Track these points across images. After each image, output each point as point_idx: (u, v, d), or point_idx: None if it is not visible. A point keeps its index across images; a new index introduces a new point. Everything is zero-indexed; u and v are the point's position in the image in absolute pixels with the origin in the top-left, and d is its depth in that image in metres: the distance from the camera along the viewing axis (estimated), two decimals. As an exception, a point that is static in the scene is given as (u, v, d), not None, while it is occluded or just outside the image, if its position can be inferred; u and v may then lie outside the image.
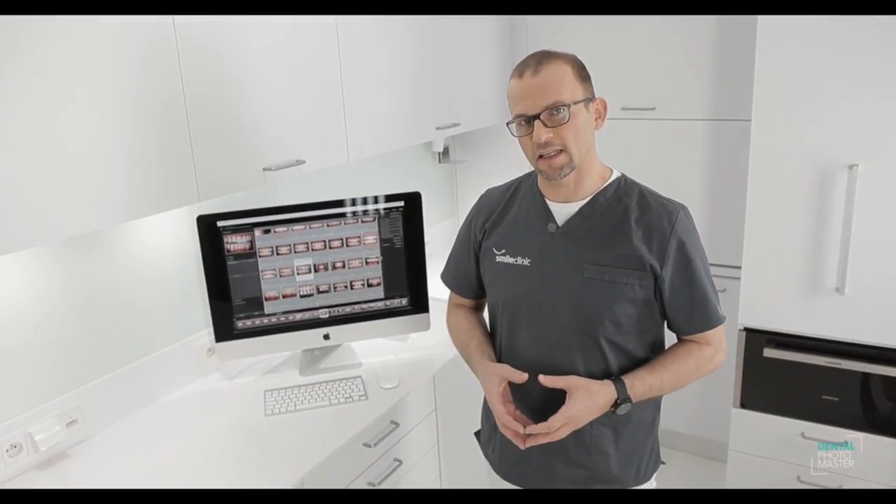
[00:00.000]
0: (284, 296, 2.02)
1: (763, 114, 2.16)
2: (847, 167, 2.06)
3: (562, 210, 1.41)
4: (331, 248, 2.03)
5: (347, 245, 2.05)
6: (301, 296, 2.04)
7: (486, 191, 1.59)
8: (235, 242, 1.94)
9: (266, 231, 1.96)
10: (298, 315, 2.05)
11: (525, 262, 1.43)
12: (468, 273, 1.59)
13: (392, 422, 1.88)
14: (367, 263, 2.08)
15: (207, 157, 1.59)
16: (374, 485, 1.84)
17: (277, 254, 1.98)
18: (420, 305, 2.15)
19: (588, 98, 1.33)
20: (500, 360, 1.49)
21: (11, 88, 1.21)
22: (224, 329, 1.98)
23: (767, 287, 2.28)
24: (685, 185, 2.64)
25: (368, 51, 2.04)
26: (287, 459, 1.64)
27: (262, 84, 1.72)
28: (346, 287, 2.08)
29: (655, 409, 1.50)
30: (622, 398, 1.34)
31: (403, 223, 2.08)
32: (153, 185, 1.48)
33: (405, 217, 2.08)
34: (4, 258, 1.53)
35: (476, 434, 1.68)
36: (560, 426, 1.31)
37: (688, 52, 2.55)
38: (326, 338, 2.08)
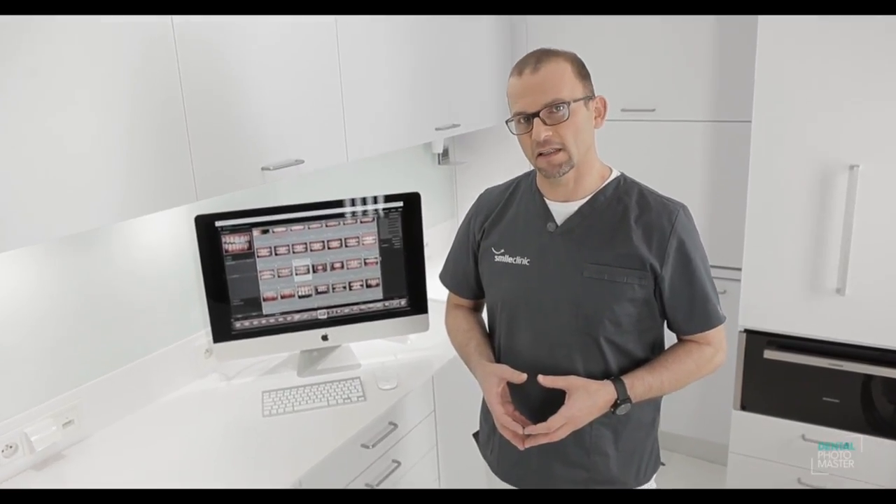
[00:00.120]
0: (283, 296, 2.01)
1: (763, 114, 2.15)
2: (848, 167, 2.05)
3: (561, 209, 1.40)
4: (329, 249, 2.03)
5: (346, 245, 2.04)
6: (299, 296, 2.03)
7: (485, 190, 1.59)
8: (233, 242, 1.93)
9: (264, 231, 1.95)
10: (297, 316, 2.04)
11: (524, 262, 1.42)
12: (467, 273, 1.58)
13: (391, 423, 1.87)
14: (366, 264, 2.07)
15: (205, 156, 1.58)
16: (373, 486, 1.83)
17: (276, 254, 1.97)
18: (419, 306, 2.14)
19: (588, 96, 1.32)
20: (499, 361, 1.48)
21: (8, 85, 1.20)
22: (222, 329, 1.97)
23: (768, 288, 2.28)
24: (685, 187, 2.63)
25: (368, 50, 2.04)
26: (284, 460, 1.63)
27: (262, 83, 1.71)
28: (345, 288, 2.07)
29: (655, 410, 1.49)
30: (622, 398, 1.33)
31: (402, 224, 2.08)
32: (151, 184, 1.47)
33: (404, 217, 2.07)
34: (1, 256, 1.52)
35: (474, 435, 1.67)
36: (559, 426, 1.30)
37: (688, 53, 2.55)
38: (325, 339, 2.07)
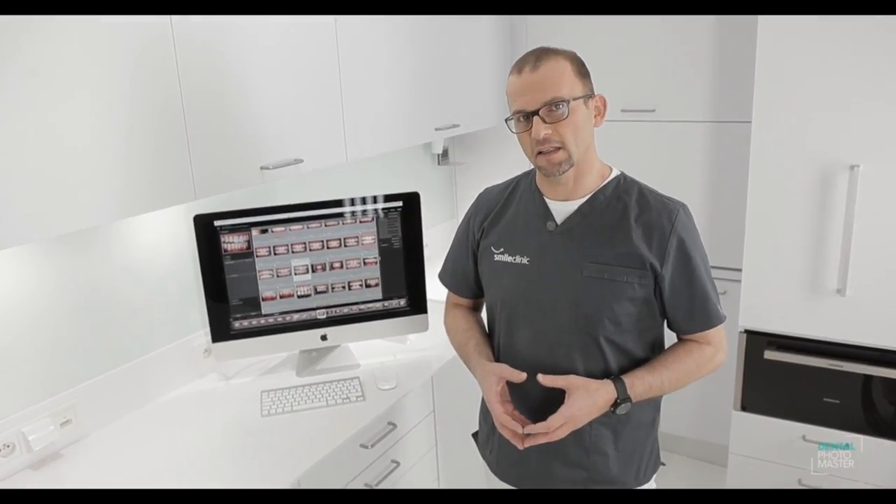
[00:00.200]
0: (282, 296, 2.01)
1: (763, 114, 2.15)
2: (848, 168, 2.05)
3: (561, 208, 1.40)
4: (328, 249, 2.02)
5: (345, 245, 2.03)
6: (298, 296, 2.02)
7: (485, 189, 1.58)
8: (232, 242, 1.92)
9: (263, 231, 1.94)
10: (296, 315, 2.04)
11: (524, 261, 1.41)
12: (466, 272, 1.58)
13: (390, 423, 1.87)
14: (366, 264, 2.07)
15: (204, 155, 1.57)
16: (372, 486, 1.83)
17: (275, 254, 1.97)
18: (418, 306, 2.14)
19: (587, 95, 1.32)
20: (499, 360, 1.47)
21: (7, 84, 1.20)
22: (221, 329, 1.96)
23: (768, 289, 2.27)
24: (685, 188, 2.62)
25: (367, 50, 2.03)
26: (283, 460, 1.62)
27: (261, 82, 1.71)
28: (344, 287, 2.06)
29: (655, 410, 1.49)
30: (622, 398, 1.32)
31: (402, 223, 2.07)
32: (149, 182, 1.47)
33: (403, 217, 2.07)
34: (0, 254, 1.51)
35: (474, 435, 1.66)
36: (559, 426, 1.29)
37: (688, 54, 2.55)
38: (324, 338, 2.07)
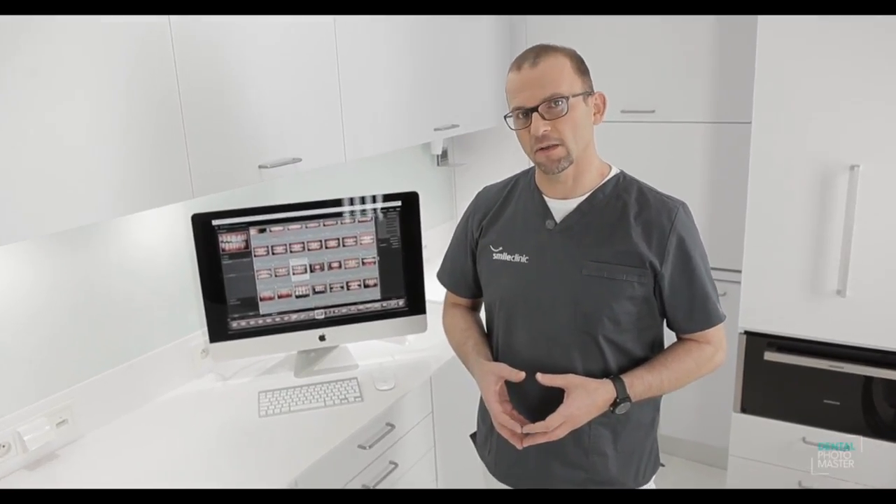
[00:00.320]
0: (280, 296, 2.00)
1: (763, 114, 2.15)
2: (848, 168, 2.04)
3: (560, 206, 1.39)
4: (327, 248, 2.01)
5: (344, 245, 2.03)
6: (297, 296, 2.01)
7: (484, 188, 1.57)
8: (230, 241, 1.91)
9: (261, 230, 1.94)
10: (294, 316, 2.03)
11: (522, 260, 1.41)
12: (465, 272, 1.57)
13: (388, 424, 1.86)
14: (364, 264, 2.06)
15: (202, 153, 1.57)
16: (369, 487, 1.81)
17: (273, 253, 1.96)
18: (417, 307, 2.13)
19: (587, 92, 1.31)
20: (497, 360, 1.46)
21: (5, 81, 1.19)
22: (218, 329, 1.95)
23: (768, 290, 2.26)
24: (685, 189, 2.60)
25: (366, 50, 2.03)
26: (280, 461, 1.61)
27: (260, 81, 1.70)
28: (343, 288, 2.05)
29: (655, 410, 1.48)
30: (621, 397, 1.31)
31: (400, 223, 2.06)
32: (146, 180, 1.46)
33: (402, 217, 2.06)
34: (-4, 252, 1.51)
35: (472, 436, 1.65)
36: (558, 425, 1.28)
37: (688, 55, 2.54)
38: (322, 339, 2.06)
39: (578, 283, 1.35)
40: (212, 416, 1.83)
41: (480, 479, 1.63)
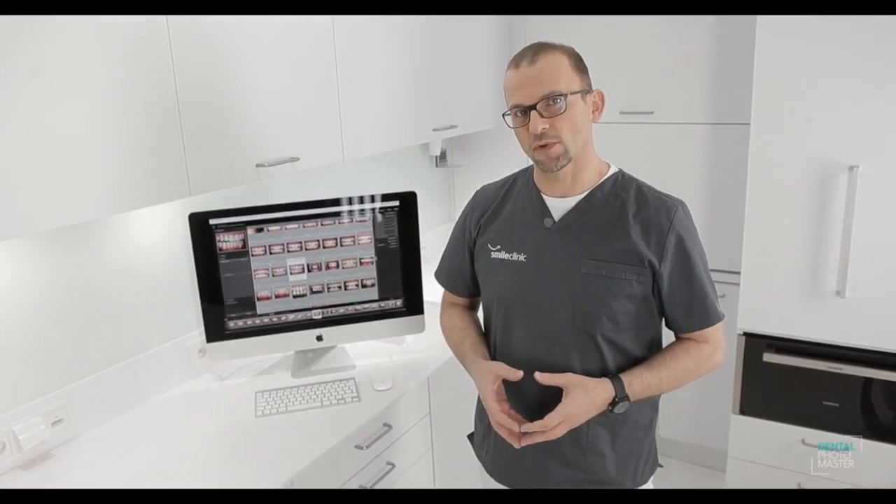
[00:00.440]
0: (277, 296, 1.99)
1: (762, 114, 2.14)
2: (847, 168, 2.04)
3: (558, 205, 1.38)
4: (325, 248, 2.00)
5: (341, 245, 2.02)
6: (294, 296, 2.01)
7: (482, 187, 1.57)
8: (228, 241, 1.91)
9: (259, 230, 1.93)
10: (291, 316, 2.02)
11: (521, 258, 1.40)
12: (462, 271, 1.56)
13: (385, 424, 1.85)
14: (362, 264, 2.05)
15: (199, 152, 1.56)
16: (366, 488, 1.80)
17: (270, 253, 1.95)
18: (415, 307, 2.12)
19: (585, 90, 1.31)
20: (495, 359, 1.45)
21: (2, 79, 1.20)
22: (215, 329, 1.94)
23: (767, 291, 2.26)
24: (684, 190, 2.55)
25: (365, 49, 2.02)
26: (276, 461, 1.60)
27: (257, 79, 1.70)
28: (340, 288, 2.05)
29: (653, 410, 1.47)
30: (620, 396, 1.31)
31: (398, 223, 2.06)
32: (143, 178, 1.46)
33: (400, 217, 2.05)
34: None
35: (469, 437, 1.64)
36: (556, 424, 1.27)
37: (687, 56, 2.54)
38: (319, 339, 2.05)
39: (577, 282, 1.34)
40: (208, 417, 1.82)
41: (478, 480, 1.62)
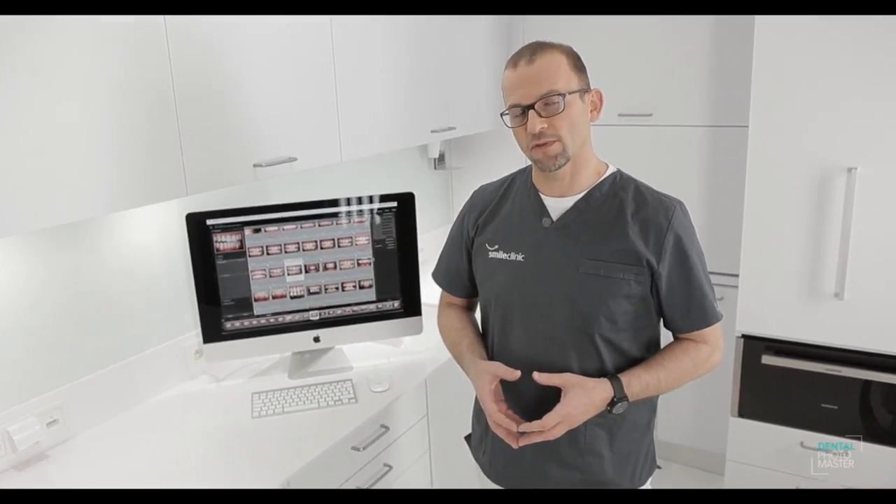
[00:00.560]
0: (274, 297, 1.98)
1: (761, 115, 2.14)
2: (846, 170, 2.04)
3: (556, 204, 1.38)
4: (322, 249, 2.00)
5: (339, 246, 2.01)
6: (291, 297, 2.00)
7: (480, 187, 1.56)
8: (225, 241, 1.90)
9: (256, 230, 1.92)
10: (288, 317, 2.01)
11: (518, 258, 1.40)
12: (460, 271, 1.56)
13: (382, 425, 1.84)
14: (359, 265, 2.05)
15: (196, 151, 1.56)
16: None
17: (268, 253, 1.95)
18: (412, 309, 2.11)
19: (583, 89, 1.31)
20: (493, 359, 1.45)
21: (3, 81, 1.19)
22: (212, 330, 1.94)
23: (766, 293, 2.25)
24: (683, 192, 2.51)
25: (363, 50, 2.02)
26: (272, 462, 1.59)
27: (255, 79, 1.69)
28: (338, 289, 2.04)
29: (651, 411, 1.46)
30: (619, 396, 1.30)
31: (396, 224, 2.05)
32: (140, 177, 1.45)
33: (398, 218, 2.05)
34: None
35: (466, 438, 1.63)
36: (555, 424, 1.27)
37: (685, 58, 2.54)
38: (317, 340, 2.04)
39: (575, 282, 1.33)
40: (204, 418, 1.81)
41: (475, 482, 1.61)
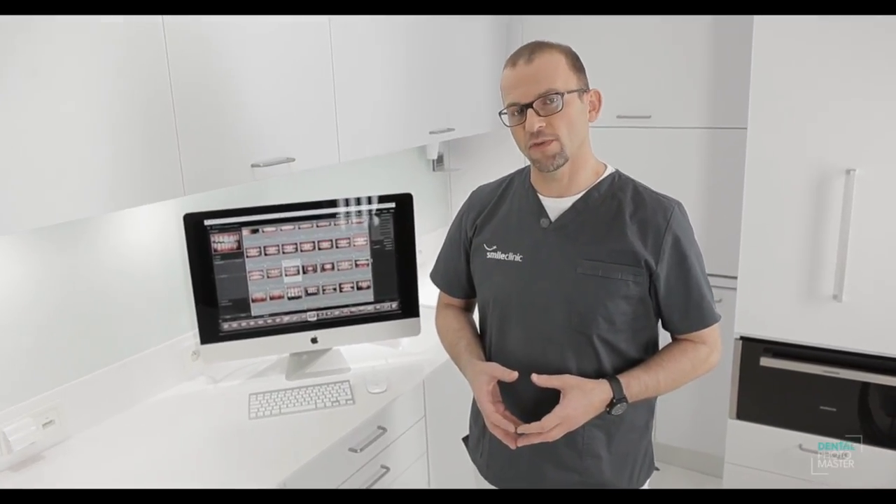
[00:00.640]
0: (272, 297, 1.98)
1: (759, 116, 2.14)
2: (844, 172, 2.04)
3: (555, 205, 1.38)
4: (320, 250, 1.99)
5: (337, 246, 2.01)
6: (289, 298, 1.99)
7: (478, 187, 1.56)
8: (222, 242, 1.90)
9: (254, 231, 1.92)
10: (286, 318, 2.00)
11: (517, 258, 1.39)
12: (458, 271, 1.55)
13: (379, 427, 1.83)
14: (357, 266, 2.04)
15: (194, 151, 1.55)
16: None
17: (265, 254, 1.94)
18: (410, 310, 2.11)
19: (582, 89, 1.30)
20: (490, 360, 1.44)
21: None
22: (209, 331, 1.93)
23: (764, 295, 2.25)
24: (681, 194, 2.51)
25: (362, 50, 2.02)
26: (269, 463, 1.58)
27: (253, 78, 1.69)
28: (335, 289, 2.03)
29: (649, 413, 1.46)
30: (618, 397, 1.30)
31: (394, 225, 2.05)
32: (137, 176, 1.44)
33: (396, 219, 2.04)
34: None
35: (464, 439, 1.63)
36: (554, 426, 1.26)
37: (684, 60, 2.54)
38: (314, 341, 2.03)
39: (573, 282, 1.33)
40: (201, 419, 1.80)
41: (473, 483, 1.61)
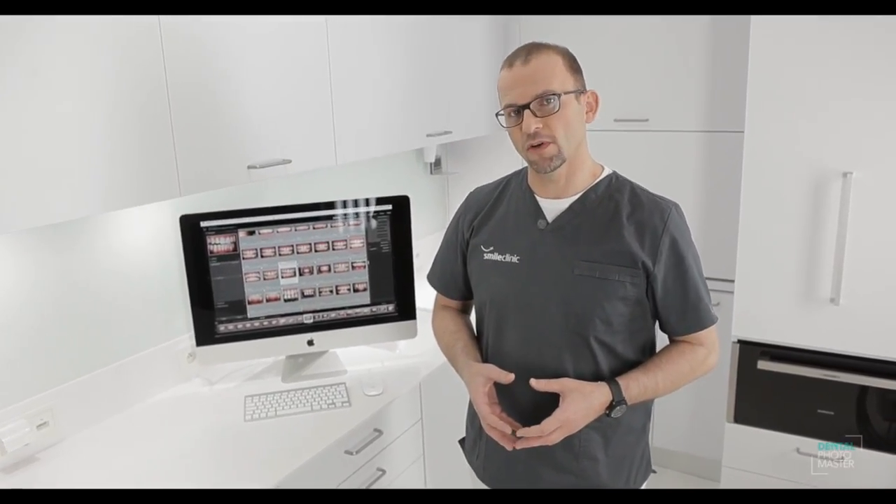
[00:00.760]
0: (268, 299, 1.97)
1: (756, 119, 2.14)
2: (841, 175, 2.03)
3: (552, 206, 1.37)
4: (316, 252, 1.99)
5: (333, 248, 2.00)
6: (285, 300, 1.99)
7: (475, 189, 1.56)
8: (219, 243, 1.89)
9: (250, 232, 1.91)
10: (282, 320, 2.00)
11: (513, 260, 1.39)
12: (455, 273, 1.55)
13: (375, 429, 1.83)
14: (354, 268, 2.03)
15: (190, 152, 1.55)
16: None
17: (261, 256, 1.94)
18: (407, 312, 2.10)
19: (579, 90, 1.30)
20: (487, 362, 1.43)
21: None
22: (205, 333, 1.92)
23: (761, 298, 2.25)
24: (679, 197, 2.53)
25: (359, 51, 2.02)
26: (264, 465, 1.58)
27: (250, 79, 1.68)
28: (332, 292, 2.03)
29: (646, 415, 1.45)
30: (617, 400, 1.29)
31: (391, 227, 2.04)
32: (133, 177, 1.44)
33: (393, 221, 2.04)
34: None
35: (460, 442, 1.62)
36: (554, 430, 1.25)
37: (681, 63, 2.54)
38: (310, 343, 2.03)
39: (570, 283, 1.33)
40: (196, 421, 1.79)
41: (469, 486, 1.60)
